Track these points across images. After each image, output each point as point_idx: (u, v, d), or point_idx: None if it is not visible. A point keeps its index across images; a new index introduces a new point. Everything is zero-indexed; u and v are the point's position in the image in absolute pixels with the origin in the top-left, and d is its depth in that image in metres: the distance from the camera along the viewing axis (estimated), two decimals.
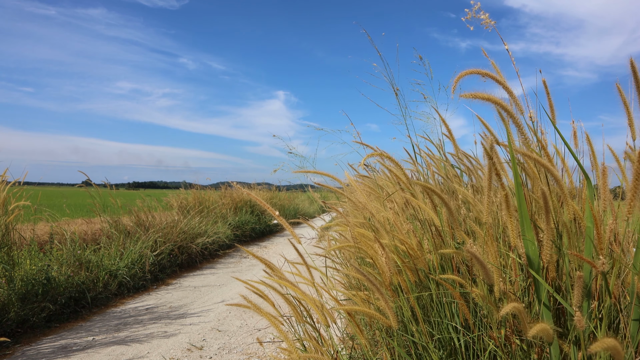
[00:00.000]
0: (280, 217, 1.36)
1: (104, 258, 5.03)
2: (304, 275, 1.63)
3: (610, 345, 0.66)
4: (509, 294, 1.08)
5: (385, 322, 1.05)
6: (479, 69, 1.02)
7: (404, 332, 1.31)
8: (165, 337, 3.56)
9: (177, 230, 6.64)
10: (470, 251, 0.90)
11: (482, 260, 0.92)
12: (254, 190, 12.41)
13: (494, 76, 1.02)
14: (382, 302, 1.02)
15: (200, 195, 9.68)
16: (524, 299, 1.19)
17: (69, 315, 4.11)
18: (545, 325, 0.75)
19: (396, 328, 1.03)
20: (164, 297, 4.92)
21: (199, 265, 6.92)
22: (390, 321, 1.03)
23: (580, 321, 0.81)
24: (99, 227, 6.26)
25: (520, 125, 1.00)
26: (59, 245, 4.84)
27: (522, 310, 0.79)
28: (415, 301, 1.26)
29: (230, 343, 3.46)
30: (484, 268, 0.93)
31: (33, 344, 3.43)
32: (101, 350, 3.27)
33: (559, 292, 1.12)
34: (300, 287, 1.46)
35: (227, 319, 4.11)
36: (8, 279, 3.75)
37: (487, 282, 0.99)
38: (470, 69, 1.01)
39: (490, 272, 0.95)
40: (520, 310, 0.78)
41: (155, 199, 7.72)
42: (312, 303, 1.37)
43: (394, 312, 1.06)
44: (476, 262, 0.92)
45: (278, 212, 1.91)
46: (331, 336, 1.55)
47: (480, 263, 0.92)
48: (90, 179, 6.09)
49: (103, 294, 4.64)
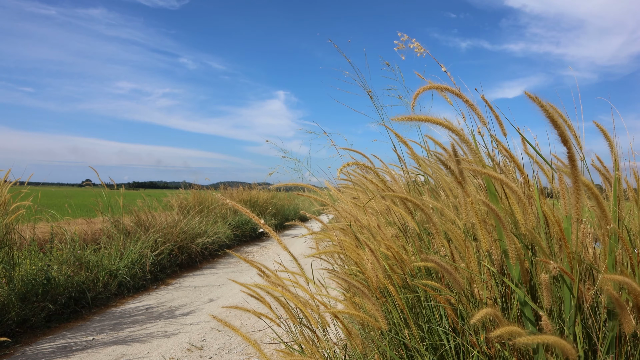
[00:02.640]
0: (266, 226, 1.37)
1: (104, 258, 5.04)
2: (300, 284, 1.64)
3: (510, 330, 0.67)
4: (483, 299, 1.08)
5: (375, 325, 1.06)
6: (437, 84, 1.03)
7: (395, 334, 1.32)
8: (165, 337, 3.57)
9: (177, 230, 6.65)
10: (434, 260, 0.90)
11: (448, 268, 0.92)
12: (253, 191, 12.41)
13: (453, 90, 1.03)
14: (371, 305, 1.03)
15: (200, 195, 9.69)
16: (504, 303, 1.19)
17: (69, 315, 4.12)
18: (491, 310, 0.75)
19: (386, 330, 1.04)
20: (164, 297, 4.92)
21: (199, 265, 6.93)
22: (379, 324, 1.03)
23: (547, 325, 0.81)
24: (99, 227, 6.26)
25: (468, 142, 1.01)
26: (59, 245, 4.84)
27: (497, 314, 0.78)
28: (404, 304, 1.26)
29: (230, 343, 3.47)
30: (452, 275, 0.94)
31: (33, 344, 3.44)
32: (101, 350, 3.28)
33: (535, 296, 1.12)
34: (291, 291, 1.47)
35: (227, 319, 4.11)
36: (8, 279, 3.76)
37: (456, 289, 1.00)
38: (429, 85, 1.03)
39: (459, 279, 0.95)
40: (494, 315, 0.77)
41: (155, 199, 7.73)
42: (303, 307, 1.38)
43: (384, 315, 1.06)
44: (443, 270, 0.92)
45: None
46: (328, 338, 1.56)
47: (446, 271, 0.92)
48: (92, 179, 6.10)
49: (103, 293, 4.64)
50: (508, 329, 0.67)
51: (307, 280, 1.58)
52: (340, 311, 1.11)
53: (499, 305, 1.16)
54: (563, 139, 0.75)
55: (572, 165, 0.78)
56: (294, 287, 1.62)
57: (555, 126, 0.74)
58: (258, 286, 1.51)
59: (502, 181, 0.91)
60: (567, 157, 0.78)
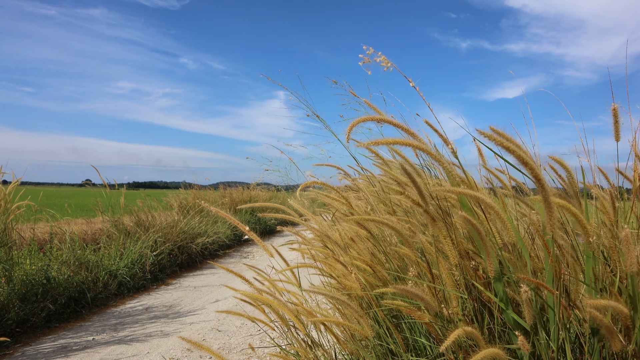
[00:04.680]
0: (251, 232, 1.38)
1: (104, 258, 5.05)
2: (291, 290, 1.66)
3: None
4: (455, 318, 1.08)
5: (361, 333, 1.06)
6: (374, 116, 1.00)
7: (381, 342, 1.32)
8: (165, 337, 3.58)
9: (177, 230, 6.66)
10: (404, 288, 0.90)
11: (419, 295, 0.91)
12: (253, 191, 12.40)
13: (391, 121, 1.00)
14: (355, 314, 1.03)
15: (200, 195, 9.70)
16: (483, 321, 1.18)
17: (69, 315, 4.13)
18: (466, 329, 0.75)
19: (372, 336, 1.04)
20: (164, 297, 4.93)
21: (199, 265, 6.94)
22: (365, 331, 1.04)
23: (524, 345, 0.81)
24: (99, 226, 6.27)
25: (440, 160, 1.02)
26: (59, 245, 4.85)
27: (474, 333, 0.78)
28: (385, 316, 1.26)
29: (230, 343, 3.48)
30: (423, 300, 0.93)
31: (33, 343, 3.45)
32: (101, 350, 3.29)
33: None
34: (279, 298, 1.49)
35: (227, 319, 4.12)
36: (8, 279, 3.77)
37: (430, 311, 1.00)
38: (365, 117, 0.99)
39: (430, 302, 0.95)
40: (470, 333, 0.77)
41: (155, 198, 7.74)
42: (291, 314, 1.40)
43: (368, 323, 1.07)
44: (414, 296, 0.92)
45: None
46: (322, 342, 1.57)
47: (418, 297, 0.91)
48: (92, 179, 6.10)
49: (103, 293, 4.65)
50: (489, 351, 0.67)
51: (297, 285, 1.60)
52: (327, 319, 1.12)
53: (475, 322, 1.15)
54: (522, 162, 0.75)
55: (541, 185, 0.78)
56: (285, 292, 1.64)
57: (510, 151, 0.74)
58: (248, 295, 1.52)
59: (479, 198, 0.91)
60: (533, 179, 0.78)
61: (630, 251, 0.84)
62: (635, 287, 0.92)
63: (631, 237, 0.85)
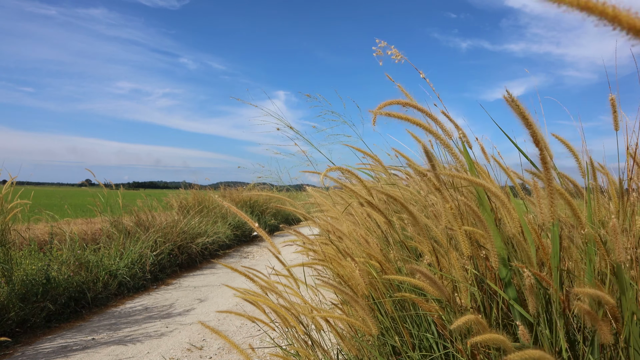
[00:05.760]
0: (260, 229, 1.38)
1: (104, 258, 5.04)
2: (294, 289, 1.66)
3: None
4: (468, 306, 1.08)
5: (365, 330, 1.06)
6: (399, 100, 1.02)
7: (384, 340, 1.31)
8: (165, 337, 3.57)
9: (177, 230, 6.65)
10: (418, 269, 0.90)
11: (432, 277, 0.91)
12: (253, 190, 12.39)
13: (415, 104, 1.02)
14: (360, 310, 1.03)
15: (200, 195, 9.69)
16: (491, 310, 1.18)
17: (68, 315, 4.12)
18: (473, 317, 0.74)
19: (376, 334, 1.04)
20: (164, 297, 4.93)
21: (199, 265, 6.93)
22: (370, 329, 1.03)
23: (524, 335, 0.81)
24: (99, 226, 6.27)
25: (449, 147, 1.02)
26: (58, 245, 4.84)
27: (480, 321, 0.78)
28: (392, 308, 1.26)
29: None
30: (436, 284, 0.93)
31: (33, 344, 3.44)
32: (101, 350, 3.28)
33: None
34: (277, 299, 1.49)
35: (227, 318, 4.12)
36: (7, 279, 3.76)
37: (443, 298, 0.99)
38: (391, 100, 1.00)
39: (443, 288, 0.95)
40: (477, 321, 0.77)
41: (155, 198, 7.73)
42: (287, 313, 1.39)
43: (373, 320, 1.07)
44: (426, 280, 0.92)
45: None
46: (321, 342, 1.56)
47: (430, 280, 0.91)
48: (92, 179, 6.09)
49: (103, 293, 4.65)
50: (489, 336, 0.67)
51: (297, 284, 1.60)
52: (330, 315, 1.11)
53: (482, 312, 1.16)
54: (535, 140, 0.73)
55: (545, 168, 0.77)
56: (287, 292, 1.63)
57: (527, 125, 0.73)
58: (249, 293, 1.52)
59: (485, 187, 0.91)
60: (539, 160, 0.77)
61: (618, 241, 0.84)
62: (621, 276, 0.92)
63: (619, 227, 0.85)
